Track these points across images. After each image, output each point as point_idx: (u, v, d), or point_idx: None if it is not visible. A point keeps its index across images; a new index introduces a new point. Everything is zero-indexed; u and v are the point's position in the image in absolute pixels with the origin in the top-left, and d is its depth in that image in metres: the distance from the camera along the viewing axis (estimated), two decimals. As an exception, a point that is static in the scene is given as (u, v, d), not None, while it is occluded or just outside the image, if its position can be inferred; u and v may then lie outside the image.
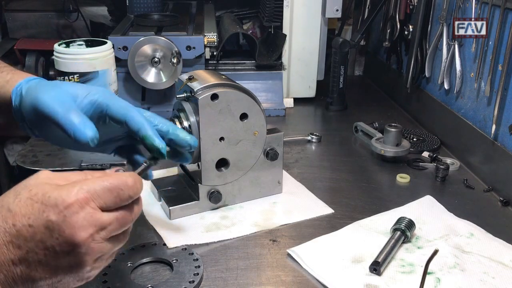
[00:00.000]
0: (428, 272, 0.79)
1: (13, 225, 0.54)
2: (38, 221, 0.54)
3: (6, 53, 1.78)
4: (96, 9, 1.98)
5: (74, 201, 0.55)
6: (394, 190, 1.11)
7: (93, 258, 0.57)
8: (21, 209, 0.54)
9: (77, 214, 0.54)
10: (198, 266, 0.81)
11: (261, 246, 0.90)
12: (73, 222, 0.54)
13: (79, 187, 0.56)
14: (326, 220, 0.98)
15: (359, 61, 1.99)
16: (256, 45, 1.59)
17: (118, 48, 1.37)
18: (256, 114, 0.97)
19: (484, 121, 1.14)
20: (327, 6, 1.50)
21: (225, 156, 0.97)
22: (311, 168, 1.19)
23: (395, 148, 1.19)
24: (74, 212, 0.54)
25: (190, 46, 1.43)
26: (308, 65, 1.58)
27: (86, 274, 0.58)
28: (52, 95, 0.69)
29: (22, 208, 0.54)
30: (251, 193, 1.03)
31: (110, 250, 0.59)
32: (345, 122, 1.47)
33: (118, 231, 0.59)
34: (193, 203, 0.98)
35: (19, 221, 0.54)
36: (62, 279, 0.57)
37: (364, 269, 0.82)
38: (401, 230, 0.88)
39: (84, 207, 0.55)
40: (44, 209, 0.54)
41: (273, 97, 1.55)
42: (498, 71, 1.07)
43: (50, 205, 0.54)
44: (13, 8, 1.95)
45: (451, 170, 1.15)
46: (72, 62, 1.19)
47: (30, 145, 1.25)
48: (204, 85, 0.92)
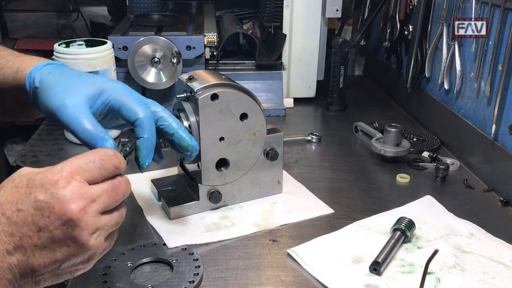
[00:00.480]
0: (428, 272, 0.79)
1: (2, 214, 0.53)
2: (27, 204, 0.53)
3: (6, 53, 1.77)
4: (96, 9, 1.98)
5: (59, 178, 0.55)
6: (394, 190, 1.11)
7: (89, 233, 0.56)
8: (7, 197, 0.54)
9: (64, 188, 0.54)
10: (198, 266, 0.81)
11: (261, 246, 0.90)
12: (62, 196, 0.54)
13: (62, 164, 0.56)
14: (326, 220, 0.98)
15: (359, 61, 1.99)
16: (256, 45, 1.59)
17: (118, 48, 1.37)
18: (256, 114, 0.97)
19: (484, 121, 1.14)
20: (327, 6, 1.50)
21: (225, 156, 0.97)
22: (311, 168, 1.19)
23: (395, 148, 1.19)
24: (61, 187, 0.54)
25: (190, 46, 1.43)
26: (308, 65, 1.58)
27: (86, 255, 0.57)
28: (69, 106, 0.69)
29: (8, 196, 0.54)
30: (251, 193, 1.03)
31: (106, 225, 0.59)
32: (345, 122, 1.47)
33: (109, 204, 0.59)
34: (193, 203, 0.98)
35: (8, 208, 0.53)
36: (62, 264, 0.56)
37: (364, 269, 0.82)
38: (401, 230, 0.88)
39: (70, 181, 0.55)
40: (31, 191, 0.54)
41: (273, 97, 1.55)
42: (498, 71, 1.07)
43: (36, 186, 0.54)
44: (13, 8, 1.96)
45: (451, 170, 1.15)
46: (72, 62, 1.19)
47: (30, 145, 1.25)
48: (204, 85, 0.92)
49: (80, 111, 0.69)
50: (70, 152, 1.21)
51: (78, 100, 0.70)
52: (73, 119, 0.69)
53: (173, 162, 1.08)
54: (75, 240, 0.55)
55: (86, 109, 0.70)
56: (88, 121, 0.69)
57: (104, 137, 0.68)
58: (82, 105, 0.70)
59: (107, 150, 0.61)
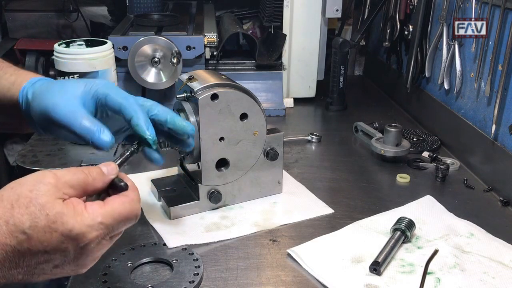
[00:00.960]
0: (428, 272, 0.79)
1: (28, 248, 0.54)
2: (55, 248, 0.55)
3: (6, 53, 1.78)
4: (96, 9, 1.98)
5: (92, 238, 0.57)
6: (394, 190, 1.11)
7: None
8: (38, 235, 0.54)
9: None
10: (198, 266, 0.81)
11: (261, 246, 0.90)
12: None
13: (98, 224, 0.57)
14: (326, 220, 0.98)
15: (359, 61, 1.99)
16: (256, 45, 1.59)
17: (118, 48, 1.37)
18: (256, 114, 0.97)
19: (484, 121, 1.14)
20: (327, 6, 1.50)
21: (225, 156, 0.97)
22: (311, 168, 1.19)
23: (395, 148, 1.19)
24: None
25: (190, 46, 1.43)
26: (308, 65, 1.58)
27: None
28: (62, 105, 0.70)
29: (40, 235, 0.54)
30: (251, 193, 1.03)
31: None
32: (345, 122, 1.47)
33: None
34: (193, 203, 0.98)
35: (35, 246, 0.54)
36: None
37: (364, 269, 0.82)
38: (401, 230, 0.88)
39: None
40: (64, 240, 0.55)
41: (273, 97, 1.55)
42: (498, 71, 1.07)
43: (70, 239, 0.55)
44: (13, 8, 1.96)
45: (451, 170, 1.15)
46: (72, 62, 1.19)
47: (30, 145, 1.25)
48: (204, 85, 0.92)
49: (74, 107, 0.71)
50: (70, 152, 1.21)
51: (71, 98, 0.71)
52: (68, 115, 0.69)
53: (173, 162, 1.08)
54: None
55: (79, 105, 0.71)
56: (83, 115, 0.70)
57: (100, 129, 0.69)
58: (75, 102, 0.71)
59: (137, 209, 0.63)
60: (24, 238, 0.53)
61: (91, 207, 0.58)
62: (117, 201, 0.60)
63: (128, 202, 0.61)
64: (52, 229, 0.54)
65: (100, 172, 0.62)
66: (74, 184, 0.58)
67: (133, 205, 0.62)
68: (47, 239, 0.54)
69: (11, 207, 0.54)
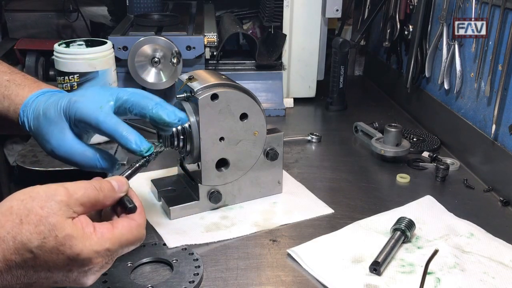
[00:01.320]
0: (428, 272, 0.79)
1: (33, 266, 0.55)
2: (59, 268, 0.56)
3: (6, 53, 1.78)
4: (96, 9, 1.98)
5: (98, 263, 0.57)
6: (394, 190, 1.11)
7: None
8: (44, 255, 0.54)
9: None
10: (198, 266, 0.81)
11: (261, 246, 0.90)
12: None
13: (105, 251, 0.58)
14: (326, 220, 0.98)
15: (359, 61, 1.99)
16: (256, 45, 1.59)
17: (118, 48, 1.37)
18: (256, 114, 0.97)
19: (484, 121, 1.14)
20: (327, 6, 1.49)
21: (225, 156, 0.97)
22: (311, 168, 1.19)
23: (395, 148, 1.19)
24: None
25: (190, 46, 1.43)
26: (308, 65, 1.58)
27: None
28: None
29: (46, 256, 0.54)
30: (251, 193, 1.03)
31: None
32: (345, 122, 1.47)
33: None
34: (193, 203, 0.98)
35: (40, 265, 0.54)
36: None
37: (364, 269, 0.82)
38: (401, 230, 0.88)
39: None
40: (69, 263, 0.55)
41: (273, 97, 1.55)
42: (498, 71, 1.07)
43: (76, 262, 0.56)
44: (13, 8, 1.96)
45: (451, 170, 1.15)
46: (72, 62, 1.19)
47: (30, 145, 1.25)
48: (204, 85, 0.92)
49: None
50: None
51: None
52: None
53: (173, 162, 1.08)
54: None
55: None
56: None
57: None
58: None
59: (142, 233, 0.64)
60: (30, 257, 0.53)
61: (100, 230, 0.58)
62: (126, 227, 0.61)
63: (135, 228, 0.62)
64: (60, 251, 0.54)
65: (111, 188, 0.62)
66: (85, 201, 0.58)
67: (140, 231, 0.62)
68: (53, 260, 0.54)
69: (20, 222, 0.53)
